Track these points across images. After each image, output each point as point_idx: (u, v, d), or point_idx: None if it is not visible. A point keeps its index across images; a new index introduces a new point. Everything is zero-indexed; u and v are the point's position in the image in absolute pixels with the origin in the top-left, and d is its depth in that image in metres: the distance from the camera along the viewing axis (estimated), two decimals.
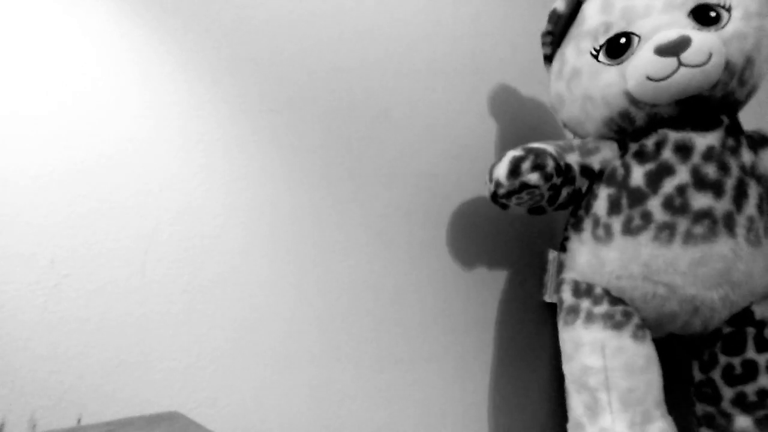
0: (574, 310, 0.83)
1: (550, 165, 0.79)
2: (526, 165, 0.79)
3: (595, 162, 0.83)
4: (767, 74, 0.78)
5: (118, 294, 0.65)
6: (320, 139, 0.83)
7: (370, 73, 0.90)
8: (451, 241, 0.96)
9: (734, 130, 0.77)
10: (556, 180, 0.80)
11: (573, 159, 0.83)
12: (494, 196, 0.83)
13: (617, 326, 0.78)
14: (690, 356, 0.85)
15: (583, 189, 0.85)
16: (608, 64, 0.79)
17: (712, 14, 0.74)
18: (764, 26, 0.74)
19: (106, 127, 0.66)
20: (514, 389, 1.02)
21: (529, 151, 0.80)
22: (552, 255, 1.07)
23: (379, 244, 0.87)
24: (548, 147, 0.82)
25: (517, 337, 1.03)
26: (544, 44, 0.90)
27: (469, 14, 1.05)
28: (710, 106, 0.76)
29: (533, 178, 0.79)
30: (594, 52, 0.81)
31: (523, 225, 1.06)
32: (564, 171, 0.82)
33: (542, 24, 0.90)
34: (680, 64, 0.72)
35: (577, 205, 0.87)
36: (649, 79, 0.74)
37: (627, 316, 0.78)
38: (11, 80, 0.61)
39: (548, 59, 0.91)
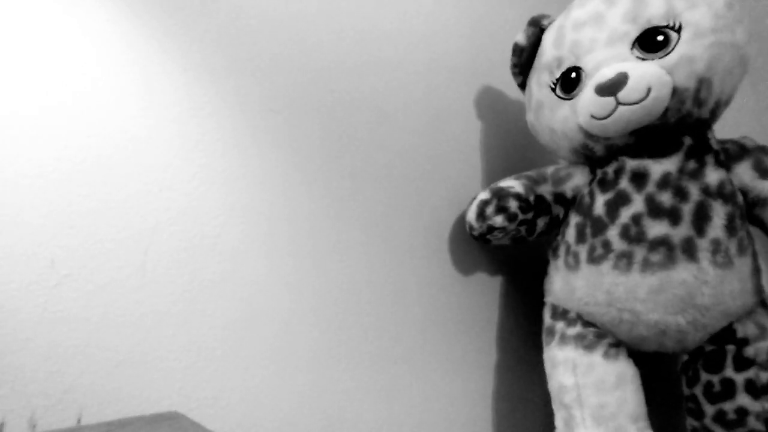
0: (550, 332, 0.86)
1: (513, 206, 0.84)
2: (490, 209, 0.85)
3: (568, 190, 0.87)
4: (736, 84, 0.75)
5: (118, 294, 0.65)
6: (319, 139, 0.83)
7: (369, 73, 0.90)
8: (450, 241, 0.96)
9: (698, 150, 0.76)
10: (526, 216, 0.85)
11: (546, 189, 0.87)
12: (472, 236, 0.90)
13: (589, 346, 0.80)
14: (680, 371, 0.86)
15: (561, 215, 0.88)
16: (564, 98, 0.81)
17: (660, 38, 0.72)
18: (721, 40, 0.71)
19: (106, 127, 0.66)
20: (513, 389, 1.02)
21: (495, 193, 0.86)
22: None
23: (378, 244, 0.87)
24: (516, 185, 0.86)
25: (517, 337, 1.03)
26: (513, 74, 0.92)
27: (469, 15, 1.05)
28: (666, 131, 0.75)
29: (498, 220, 0.85)
30: (552, 86, 0.83)
31: None
32: (534, 205, 0.86)
33: None
34: (618, 102, 0.72)
35: (557, 231, 0.90)
36: (593, 117, 0.76)
37: (599, 337, 0.81)
38: (11, 80, 0.61)
39: (522, 87, 0.93)
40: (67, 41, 0.64)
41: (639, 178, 0.76)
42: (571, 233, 0.83)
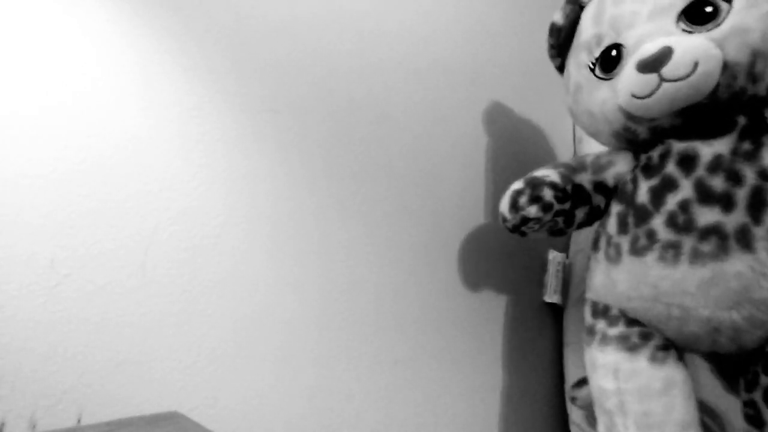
0: (591, 331, 0.80)
1: (548, 195, 0.78)
2: (523, 199, 0.79)
3: (609, 177, 0.80)
4: None
5: (118, 294, 0.65)
6: (320, 139, 0.83)
7: (370, 73, 0.90)
8: (451, 241, 0.96)
9: (753, 130, 0.69)
10: (562, 206, 0.80)
11: (585, 178, 0.81)
12: (506, 228, 0.84)
13: (632, 349, 0.74)
14: (738, 373, 0.80)
15: (602, 206, 0.82)
16: (603, 79, 0.76)
17: (708, 9, 0.66)
18: None
19: (106, 127, 0.66)
20: (514, 389, 1.02)
21: (528, 183, 0.80)
22: (552, 255, 1.07)
23: (378, 245, 0.87)
24: (552, 174, 0.80)
25: (517, 337, 1.03)
26: (550, 57, 0.87)
27: (470, 16, 1.05)
28: (717, 110, 0.69)
29: (532, 210, 0.79)
30: (591, 66, 0.78)
31: None
32: (572, 194, 0.80)
33: (543, 26, 0.90)
34: (661, 79, 0.67)
35: (599, 223, 0.84)
36: (634, 96, 0.70)
37: (644, 337, 0.74)
38: (11, 80, 0.61)
39: (560, 70, 0.88)
40: (67, 41, 0.64)
41: (687, 162, 0.69)
42: (612, 223, 0.77)
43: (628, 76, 0.70)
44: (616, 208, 0.78)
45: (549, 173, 0.81)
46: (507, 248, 1.03)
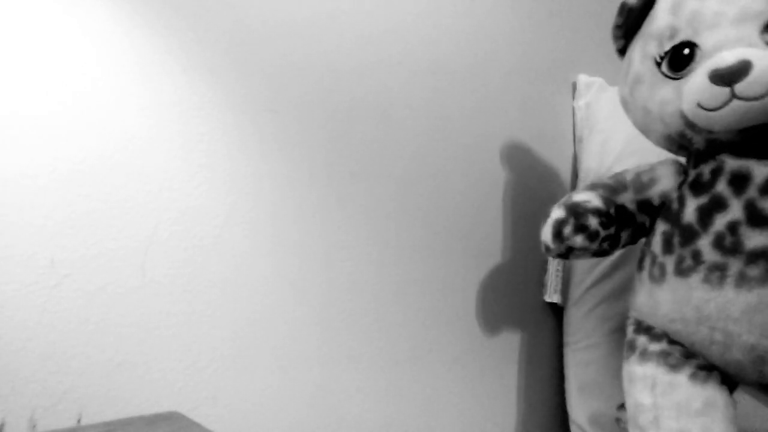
0: (631, 346, 0.77)
1: (593, 224, 0.75)
2: (567, 229, 0.76)
3: (654, 196, 0.77)
4: None
5: (118, 294, 0.65)
6: (321, 139, 0.83)
7: (370, 73, 0.90)
8: (452, 241, 0.96)
9: None
10: (608, 231, 0.77)
11: (627, 198, 0.78)
12: (548, 255, 0.82)
13: (673, 366, 0.70)
14: None
15: (647, 224, 0.79)
16: (669, 77, 0.70)
17: None
18: None
19: (106, 127, 0.66)
20: (514, 389, 1.02)
21: (570, 210, 0.76)
22: None
23: (378, 245, 0.87)
24: (593, 198, 0.77)
25: (517, 337, 1.03)
26: (614, 37, 0.80)
27: (470, 16, 1.05)
28: None
29: (578, 241, 0.76)
30: (658, 60, 0.71)
31: (523, 225, 1.06)
32: (616, 217, 0.77)
33: (543, 27, 0.90)
34: (733, 95, 0.61)
35: (643, 242, 0.81)
36: (700, 107, 0.65)
37: (687, 356, 0.71)
38: (11, 80, 0.61)
39: (621, 53, 0.82)
40: (67, 41, 0.64)
41: (739, 181, 0.66)
42: (657, 243, 0.74)
43: (698, 83, 0.65)
44: (661, 227, 0.75)
45: (590, 197, 0.77)
46: (507, 248, 1.03)
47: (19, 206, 0.60)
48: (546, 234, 0.79)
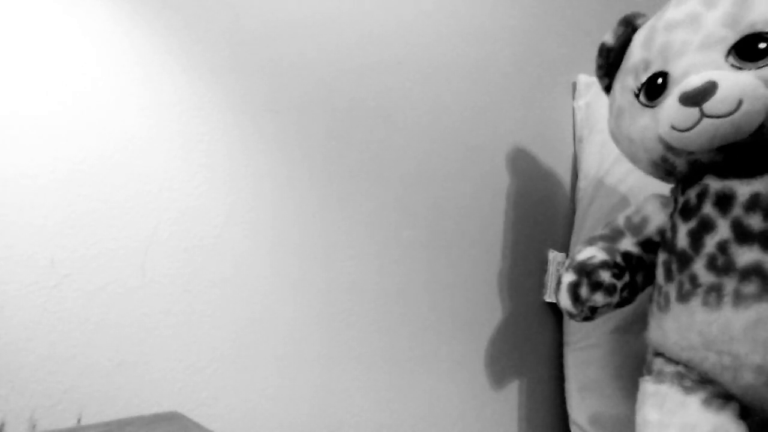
0: (648, 367, 0.78)
1: (606, 278, 0.75)
2: (584, 291, 0.76)
3: (652, 234, 0.79)
4: None
5: (118, 294, 0.65)
6: (321, 139, 0.83)
7: (370, 73, 0.90)
8: (452, 241, 0.96)
9: None
10: (624, 281, 0.77)
11: (628, 243, 0.80)
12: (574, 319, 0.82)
13: (687, 389, 0.70)
14: None
15: (655, 261, 0.80)
16: (646, 106, 0.74)
17: (762, 45, 0.64)
18: None
19: (106, 127, 0.66)
20: (514, 389, 1.02)
21: (579, 271, 0.77)
22: (552, 255, 1.07)
23: (379, 245, 0.87)
24: (595, 252, 0.78)
25: (517, 337, 1.03)
26: (598, 77, 0.87)
27: (470, 17, 1.05)
28: (761, 149, 0.66)
29: (599, 299, 0.76)
30: (636, 91, 0.76)
31: (523, 225, 1.06)
32: (626, 265, 0.78)
33: (543, 27, 0.90)
34: (703, 114, 0.64)
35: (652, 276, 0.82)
36: (674, 128, 0.68)
37: (703, 382, 0.70)
38: (11, 80, 0.61)
39: (607, 90, 0.87)
40: (67, 41, 0.64)
41: (724, 201, 0.68)
42: (660, 273, 0.76)
43: (669, 107, 0.68)
44: (661, 257, 0.76)
45: (593, 253, 0.78)
46: (507, 248, 1.03)
47: (19, 206, 0.60)
48: (564, 301, 0.79)
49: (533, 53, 1.12)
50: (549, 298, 1.05)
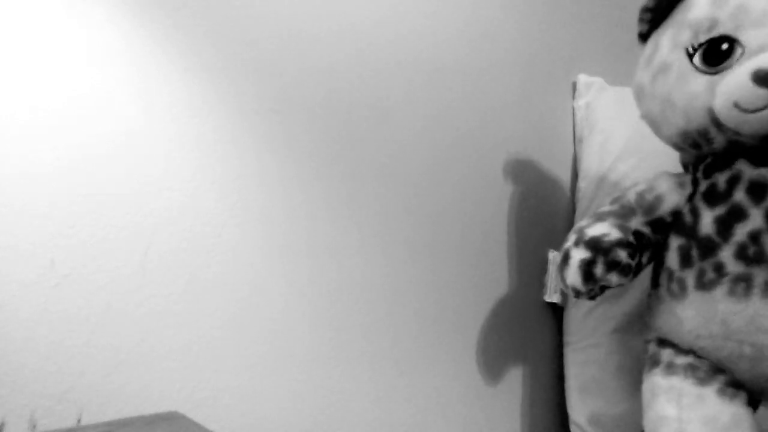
0: (654, 360, 0.75)
1: (624, 258, 0.70)
2: (599, 269, 0.70)
3: (665, 214, 0.74)
4: None
5: (118, 294, 0.65)
6: (318, 140, 0.83)
7: (371, 74, 0.90)
8: (449, 241, 0.96)
9: None
10: (637, 260, 0.74)
11: (639, 222, 0.75)
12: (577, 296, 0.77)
13: (701, 380, 0.68)
14: None
15: (661, 242, 0.77)
16: (701, 70, 0.66)
17: None
18: None
19: (105, 127, 0.66)
20: (513, 390, 1.02)
21: (593, 247, 0.71)
22: (552, 255, 1.07)
23: (380, 245, 0.87)
24: (609, 229, 0.72)
25: (517, 337, 1.03)
26: (641, 20, 0.76)
27: (471, 17, 1.05)
28: None
29: (614, 279, 0.71)
30: (691, 51, 0.67)
31: (523, 225, 1.06)
32: (637, 244, 0.74)
33: (543, 27, 0.90)
34: None
35: (655, 259, 0.78)
36: (737, 106, 0.62)
37: (715, 371, 0.69)
38: (11, 80, 0.61)
39: (643, 38, 0.78)
40: (67, 41, 0.64)
41: (758, 190, 0.64)
42: (673, 258, 0.72)
43: (737, 82, 0.62)
44: (676, 242, 0.73)
45: (606, 230, 0.73)
46: (507, 248, 1.03)
47: (19, 206, 0.60)
48: (573, 277, 0.72)
49: (533, 53, 1.12)
50: (549, 298, 1.05)
